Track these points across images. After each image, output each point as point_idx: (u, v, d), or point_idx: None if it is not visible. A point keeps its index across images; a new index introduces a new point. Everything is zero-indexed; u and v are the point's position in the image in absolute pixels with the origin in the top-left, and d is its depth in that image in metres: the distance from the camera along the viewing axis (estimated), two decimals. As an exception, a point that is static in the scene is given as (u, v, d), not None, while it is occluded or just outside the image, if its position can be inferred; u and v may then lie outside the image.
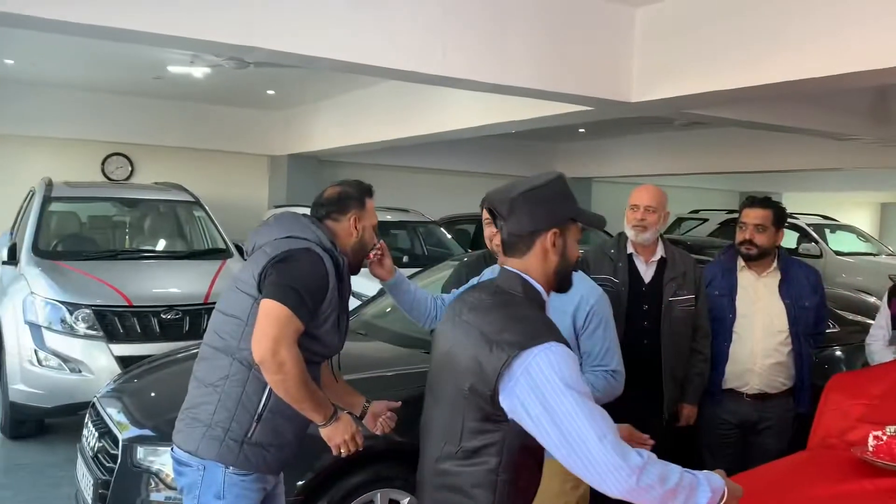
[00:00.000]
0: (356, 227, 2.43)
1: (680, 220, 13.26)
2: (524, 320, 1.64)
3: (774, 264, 3.50)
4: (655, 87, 5.02)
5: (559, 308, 2.36)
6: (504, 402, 1.58)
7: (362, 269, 2.58)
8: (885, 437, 2.36)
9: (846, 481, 2.26)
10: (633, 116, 6.40)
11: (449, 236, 9.18)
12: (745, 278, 3.50)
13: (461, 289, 2.34)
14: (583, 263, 3.55)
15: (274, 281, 2.21)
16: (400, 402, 2.63)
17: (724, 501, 1.54)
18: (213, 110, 10.84)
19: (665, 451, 2.33)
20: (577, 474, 1.54)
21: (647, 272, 3.37)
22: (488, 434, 1.64)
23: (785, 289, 3.47)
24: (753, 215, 3.44)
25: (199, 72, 7.34)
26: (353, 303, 6.22)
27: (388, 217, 9.12)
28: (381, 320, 4.58)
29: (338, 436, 2.30)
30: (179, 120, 10.66)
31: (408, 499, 3.17)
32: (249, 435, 2.26)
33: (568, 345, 1.64)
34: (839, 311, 4.69)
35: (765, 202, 3.50)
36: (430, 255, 8.13)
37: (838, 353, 4.38)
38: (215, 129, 10.81)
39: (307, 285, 2.22)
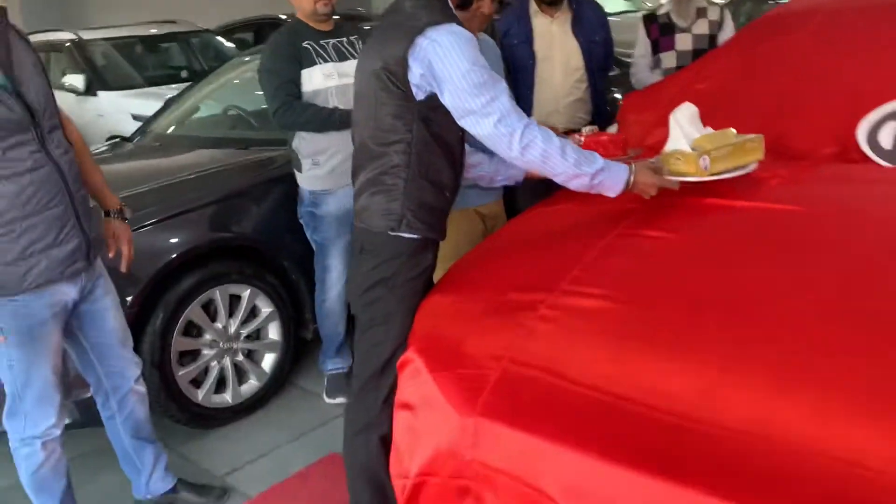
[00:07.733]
0: None
1: None
2: (434, 9, 1.92)
3: (565, 4, 3.53)
4: None
5: None
6: (412, 76, 1.85)
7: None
8: (581, 139, 2.37)
9: None
10: None
11: (230, 45, 8.50)
12: (540, 23, 3.51)
13: None
14: None
15: None
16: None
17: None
18: None
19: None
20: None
21: None
22: (401, 108, 1.90)
23: (578, 28, 3.51)
24: None
25: None
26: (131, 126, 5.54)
27: (153, 30, 8.20)
28: (179, 130, 4.22)
29: None
30: None
31: (248, 291, 3.11)
32: None
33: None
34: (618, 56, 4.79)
35: None
36: (212, 70, 7.48)
37: (618, 95, 4.33)
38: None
39: None
